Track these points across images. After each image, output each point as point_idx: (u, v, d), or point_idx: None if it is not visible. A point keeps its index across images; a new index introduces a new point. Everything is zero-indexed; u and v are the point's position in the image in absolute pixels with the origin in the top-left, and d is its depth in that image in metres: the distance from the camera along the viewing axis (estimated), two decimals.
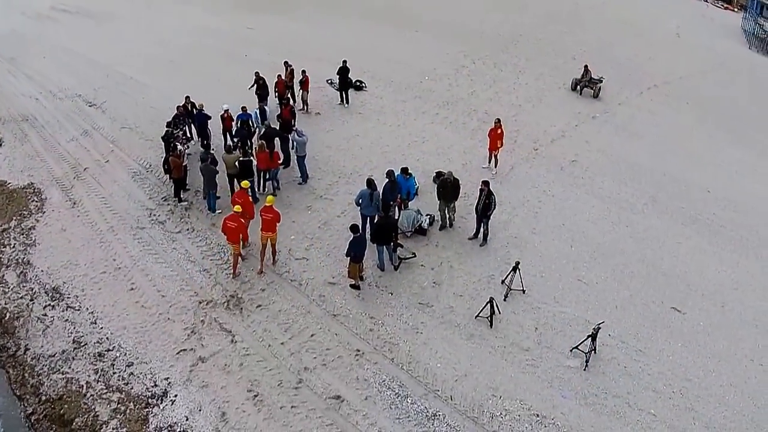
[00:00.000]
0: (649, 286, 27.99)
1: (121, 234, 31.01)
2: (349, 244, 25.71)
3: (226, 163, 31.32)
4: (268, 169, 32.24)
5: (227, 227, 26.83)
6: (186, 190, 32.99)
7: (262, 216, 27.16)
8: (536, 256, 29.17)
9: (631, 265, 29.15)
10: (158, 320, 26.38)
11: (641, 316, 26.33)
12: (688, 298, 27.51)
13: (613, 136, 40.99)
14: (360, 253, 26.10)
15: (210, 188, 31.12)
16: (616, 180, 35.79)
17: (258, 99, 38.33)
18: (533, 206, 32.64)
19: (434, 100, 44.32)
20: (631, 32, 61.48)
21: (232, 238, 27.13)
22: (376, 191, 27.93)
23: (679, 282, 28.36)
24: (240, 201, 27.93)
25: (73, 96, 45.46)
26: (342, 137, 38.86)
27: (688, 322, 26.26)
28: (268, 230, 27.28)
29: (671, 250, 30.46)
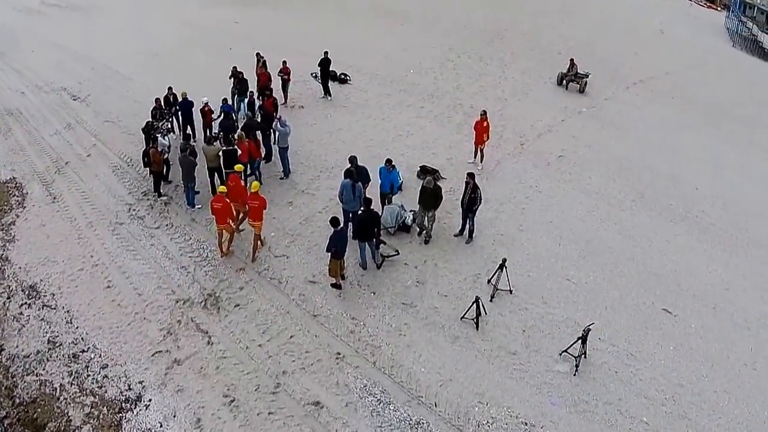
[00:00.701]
0: (639, 286, 26.35)
1: (99, 230, 29.39)
2: (330, 239, 23.77)
3: (207, 155, 29.68)
4: (251, 161, 30.35)
5: (214, 209, 25.68)
6: (169, 182, 31.61)
7: (248, 204, 26.11)
8: (524, 254, 27.47)
9: (620, 263, 27.56)
10: (134, 320, 24.69)
11: (632, 318, 24.68)
12: (679, 299, 25.91)
13: (600, 131, 39.53)
14: (341, 249, 24.22)
15: (188, 181, 29.39)
16: (604, 176, 34.26)
17: (237, 94, 36.97)
18: (520, 202, 30.96)
19: (419, 94, 42.71)
20: (616, 28, 60.44)
21: (221, 221, 25.88)
22: (357, 183, 26.18)
23: (670, 282, 26.79)
24: (232, 184, 26.95)
25: (59, 89, 44.05)
26: (325, 131, 37.15)
27: (679, 325, 24.67)
28: (254, 218, 26.06)
29: (661, 249, 28.93)
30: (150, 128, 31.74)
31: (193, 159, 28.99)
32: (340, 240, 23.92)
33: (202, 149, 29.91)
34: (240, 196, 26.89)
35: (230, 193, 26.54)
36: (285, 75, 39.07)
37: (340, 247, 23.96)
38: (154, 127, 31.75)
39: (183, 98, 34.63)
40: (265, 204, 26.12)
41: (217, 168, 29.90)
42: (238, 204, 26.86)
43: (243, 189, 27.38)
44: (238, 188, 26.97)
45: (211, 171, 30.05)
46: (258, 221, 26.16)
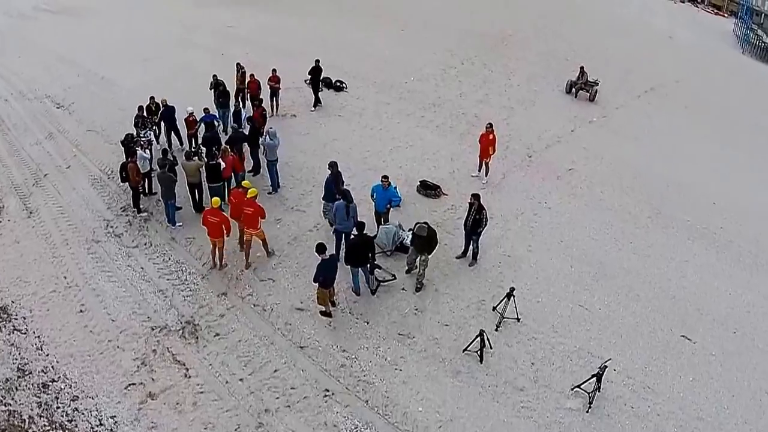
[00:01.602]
0: (656, 311, 24.13)
1: (74, 248, 27.18)
2: (317, 268, 21.58)
3: (186, 171, 27.64)
4: (235, 175, 28.30)
5: (207, 221, 24.02)
6: (153, 194, 29.62)
7: (243, 210, 24.30)
8: (532, 277, 25.26)
9: (636, 287, 25.34)
10: (107, 348, 22.43)
11: (649, 347, 22.54)
12: (699, 324, 23.71)
13: (612, 142, 37.25)
14: (329, 278, 22.09)
15: (168, 198, 27.27)
16: (617, 190, 32.02)
17: (218, 106, 34.76)
18: (528, 220, 28.75)
19: (420, 102, 40.35)
20: (622, 33, 58.35)
21: (214, 234, 24.21)
22: (352, 204, 24.05)
23: (689, 305, 24.56)
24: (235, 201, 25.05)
25: (42, 97, 41.89)
26: (318, 141, 34.77)
27: (699, 352, 22.48)
28: (249, 226, 24.40)
29: (678, 269, 26.70)
30: (129, 141, 29.66)
31: (172, 175, 26.98)
32: (328, 268, 21.77)
33: (182, 164, 27.84)
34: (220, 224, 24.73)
35: (233, 210, 24.93)
36: (274, 84, 36.77)
37: (328, 275, 21.84)
38: (133, 140, 29.63)
39: (163, 105, 32.73)
40: (262, 212, 24.51)
41: (198, 184, 27.90)
42: (213, 234, 24.80)
43: (224, 218, 25.03)
44: (241, 204, 24.77)
45: (191, 186, 28.03)
46: (253, 229, 24.51)
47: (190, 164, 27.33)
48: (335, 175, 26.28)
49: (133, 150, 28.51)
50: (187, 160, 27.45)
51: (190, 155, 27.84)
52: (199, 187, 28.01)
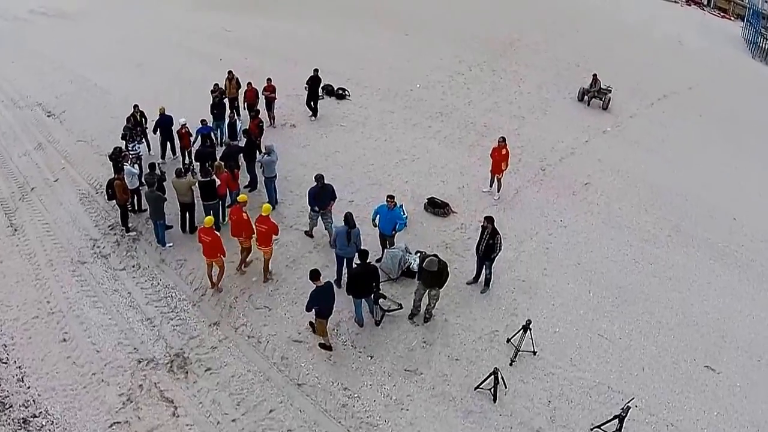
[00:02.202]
0: (678, 339, 22.42)
1: (59, 269, 25.31)
2: (311, 296, 19.79)
3: (177, 189, 25.75)
4: (229, 193, 26.64)
5: (202, 240, 22.35)
6: (142, 211, 27.65)
7: (256, 227, 22.66)
8: (548, 305, 23.43)
9: (657, 313, 23.55)
10: (91, 382, 20.55)
11: (671, 379, 20.83)
12: (723, 352, 22.07)
13: (628, 153, 35.31)
14: (326, 307, 20.17)
15: (157, 218, 25.45)
16: (635, 206, 30.19)
17: (213, 118, 32.70)
18: (543, 240, 26.89)
19: (426, 111, 38.41)
20: (632, 38, 56.49)
21: (208, 254, 22.46)
22: (355, 229, 22.14)
23: (712, 332, 22.88)
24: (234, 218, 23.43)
25: (34, 105, 40.16)
26: (319, 153, 32.83)
27: (723, 383, 20.84)
28: (262, 244, 22.82)
29: (701, 292, 24.95)
30: (117, 155, 27.90)
31: (160, 194, 25.15)
32: (324, 296, 19.87)
33: (172, 182, 25.91)
34: (244, 230, 23.16)
35: (233, 228, 23.20)
36: (270, 93, 34.87)
37: (324, 304, 19.95)
38: (121, 155, 27.84)
39: (161, 114, 31.09)
40: (275, 230, 22.96)
41: (191, 203, 26.12)
42: (243, 239, 23.31)
43: (246, 222, 23.32)
44: (240, 222, 23.14)
45: (183, 207, 26.24)
46: (266, 246, 22.88)
47: (181, 182, 25.47)
48: (320, 189, 24.81)
49: (121, 165, 26.86)
50: (177, 178, 25.55)
51: (180, 172, 25.88)
52: (191, 207, 26.23)
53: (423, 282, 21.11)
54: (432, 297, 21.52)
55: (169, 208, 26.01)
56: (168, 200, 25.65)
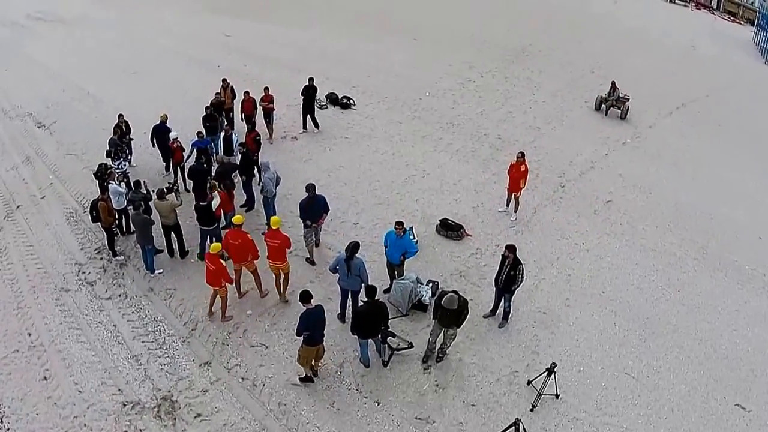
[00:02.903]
0: (708, 375, 20.40)
1: (42, 297, 23.28)
2: (300, 319, 17.76)
3: (159, 211, 23.66)
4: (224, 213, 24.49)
5: (207, 267, 20.41)
6: (131, 233, 25.40)
7: (267, 243, 20.83)
8: (572, 340, 21.28)
9: (686, 346, 21.47)
10: (72, 426, 18.52)
11: (702, 421, 18.83)
12: (753, 388, 20.13)
13: (649, 167, 33.15)
14: (316, 332, 18.10)
15: (145, 243, 23.34)
16: (660, 226, 28.06)
17: (206, 132, 29.99)
18: (565, 266, 24.73)
19: (436, 122, 36.21)
20: (645, 44, 54.60)
21: (212, 282, 20.51)
22: (357, 260, 19.80)
23: (742, 366, 20.87)
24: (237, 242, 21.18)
25: (24, 114, 38.50)
26: (322, 169, 30.67)
27: (754, 423, 18.98)
28: (276, 259, 20.96)
29: (729, 322, 22.85)
30: (104, 173, 25.79)
31: (147, 217, 23.06)
32: (314, 320, 17.84)
33: (154, 204, 23.84)
34: (249, 253, 21.27)
35: (234, 253, 21.15)
36: (267, 104, 32.44)
37: (314, 329, 17.91)
38: (107, 172, 25.64)
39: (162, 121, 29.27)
40: (288, 243, 21.12)
41: (175, 226, 23.96)
42: (248, 264, 21.47)
43: (251, 244, 21.37)
44: (246, 245, 21.18)
45: (166, 229, 24.13)
46: (281, 261, 21.07)
47: (163, 204, 23.38)
48: (310, 200, 22.95)
49: (107, 184, 24.83)
50: (159, 199, 23.45)
51: (162, 193, 23.67)
52: (176, 230, 24.14)
53: (439, 321, 18.79)
54: (448, 337, 19.28)
55: (158, 230, 24.09)
56: (156, 223, 23.74)
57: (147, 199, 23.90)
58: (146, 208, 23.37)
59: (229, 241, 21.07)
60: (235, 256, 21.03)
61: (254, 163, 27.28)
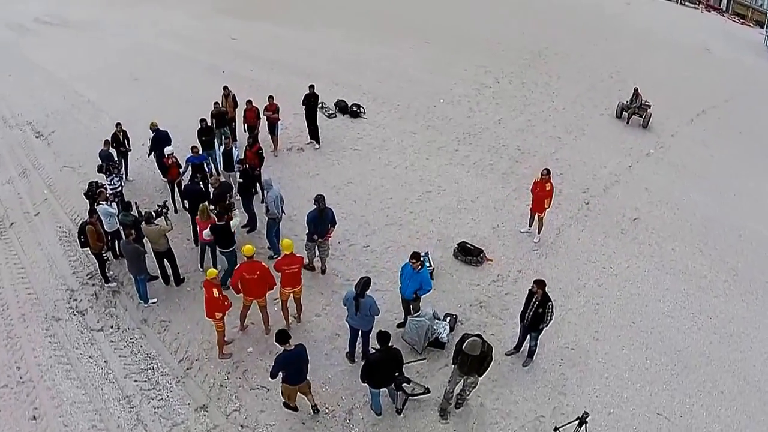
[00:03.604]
0: (741, 411, 18.70)
1: (32, 327, 21.53)
2: (275, 362, 15.90)
3: (148, 237, 21.57)
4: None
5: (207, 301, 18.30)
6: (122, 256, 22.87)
7: (283, 269, 18.81)
8: (601, 378, 19.27)
9: (719, 380, 19.60)
10: None
11: None
12: None
13: (675, 181, 31.06)
14: (294, 372, 16.24)
15: (137, 273, 21.34)
16: (689, 245, 26.02)
17: (201, 147, 27.95)
18: (593, 294, 22.67)
19: (452, 132, 33.96)
20: (658, 45, 52.07)
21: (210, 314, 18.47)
22: (367, 298, 17.66)
23: None
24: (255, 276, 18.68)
25: (24, 123, 36.85)
26: (330, 185, 28.26)
27: None
28: (293, 285, 19.17)
29: (762, 351, 21.01)
30: (94, 192, 23.73)
31: (138, 246, 20.98)
32: (292, 361, 15.93)
33: (143, 229, 21.66)
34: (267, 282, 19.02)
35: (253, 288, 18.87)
36: (272, 114, 30.00)
37: (292, 370, 16.07)
38: (98, 191, 23.59)
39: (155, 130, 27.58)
40: (302, 262, 19.51)
41: (167, 252, 21.88)
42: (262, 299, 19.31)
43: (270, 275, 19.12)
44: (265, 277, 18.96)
45: (158, 255, 22.03)
46: (297, 285, 19.32)
47: (151, 230, 21.36)
48: (320, 213, 21.10)
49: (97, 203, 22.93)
50: (147, 225, 21.42)
51: (151, 218, 21.63)
52: (168, 256, 22.05)
53: (459, 367, 16.62)
54: (468, 385, 17.18)
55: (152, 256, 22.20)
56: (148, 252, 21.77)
57: (137, 223, 21.82)
58: (136, 235, 21.26)
59: (245, 275, 18.65)
60: (253, 291, 18.88)
61: (256, 180, 25.43)
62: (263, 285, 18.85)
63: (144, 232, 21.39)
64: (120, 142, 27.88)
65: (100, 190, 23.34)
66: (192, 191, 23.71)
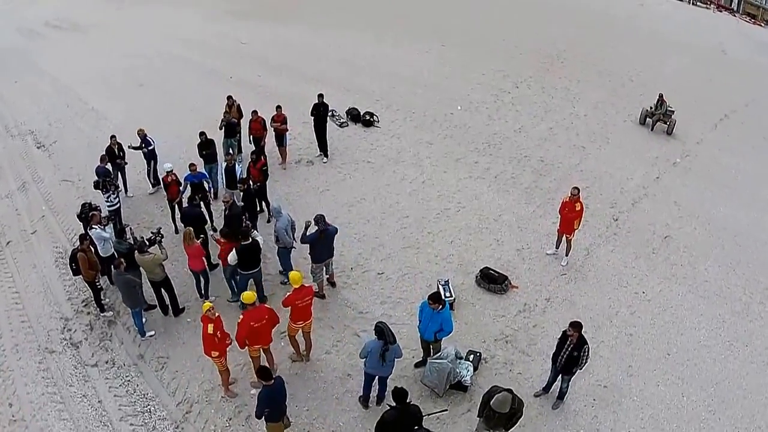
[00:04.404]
0: None
1: (25, 359, 19.88)
2: (259, 399, 14.32)
3: (142, 266, 19.64)
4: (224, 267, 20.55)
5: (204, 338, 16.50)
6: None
7: (296, 304, 16.95)
8: (636, 420, 17.44)
9: (757, 415, 17.91)
10: None
11: None
12: None
13: (704, 193, 29.16)
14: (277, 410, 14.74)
15: (131, 306, 19.51)
16: (722, 264, 24.10)
17: (204, 161, 26.11)
18: (625, 323, 20.75)
19: (471, 141, 31.97)
20: (674, 47, 50.11)
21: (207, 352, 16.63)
22: (393, 345, 15.72)
23: None
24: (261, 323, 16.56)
25: (26, 133, 35.21)
26: (340, 203, 26.52)
27: None
28: (305, 318, 17.46)
29: None
30: (87, 213, 21.84)
31: (131, 278, 18.98)
32: (275, 396, 14.46)
33: (136, 259, 19.67)
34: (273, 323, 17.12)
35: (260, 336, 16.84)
36: (280, 125, 28.03)
37: (274, 408, 14.54)
38: (90, 214, 21.62)
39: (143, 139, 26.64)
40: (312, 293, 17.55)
41: (164, 281, 19.95)
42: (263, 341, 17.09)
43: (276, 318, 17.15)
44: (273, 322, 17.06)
45: (155, 285, 20.17)
46: (309, 318, 17.61)
47: (145, 259, 19.39)
48: (320, 233, 19.26)
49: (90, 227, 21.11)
50: (140, 254, 19.42)
51: (144, 246, 19.62)
52: (166, 285, 20.15)
53: (486, 421, 14.65)
54: None
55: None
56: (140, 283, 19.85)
57: (133, 251, 19.82)
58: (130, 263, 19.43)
59: (252, 324, 16.51)
60: (263, 338, 16.98)
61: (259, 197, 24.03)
62: (271, 328, 17.02)
63: (138, 262, 19.55)
64: (115, 155, 26.16)
65: (92, 213, 21.33)
66: (190, 215, 21.68)
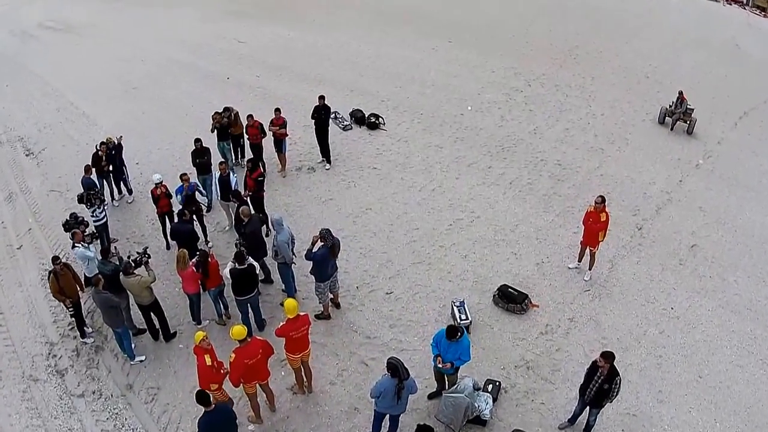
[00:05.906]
0: None
1: (8, 387, 18.84)
2: (199, 427, 13.27)
3: (129, 289, 18.29)
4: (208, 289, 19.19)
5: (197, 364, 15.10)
6: None
7: (291, 335, 15.64)
8: None
9: None
10: None
11: None
12: None
13: (729, 197, 27.73)
14: None
15: (113, 326, 18.22)
16: (752, 275, 22.76)
17: (197, 171, 24.82)
18: (654, 343, 19.41)
19: (483, 144, 30.47)
20: (688, 42, 48.37)
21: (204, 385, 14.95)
22: (407, 381, 14.32)
23: None
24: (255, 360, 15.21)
25: (15, 139, 33.88)
26: (345, 213, 25.16)
27: None
28: (302, 349, 16.17)
29: None
30: (73, 226, 20.58)
31: (110, 296, 17.48)
32: (216, 423, 13.44)
33: (121, 281, 18.27)
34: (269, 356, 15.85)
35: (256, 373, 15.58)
36: (279, 129, 26.53)
37: None
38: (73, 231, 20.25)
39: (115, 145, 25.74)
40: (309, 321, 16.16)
41: (153, 304, 18.65)
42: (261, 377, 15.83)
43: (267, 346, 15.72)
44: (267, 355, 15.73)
45: (143, 309, 18.87)
46: (307, 348, 16.29)
47: (131, 282, 18.01)
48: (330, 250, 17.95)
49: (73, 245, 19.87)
50: (126, 276, 18.00)
51: (129, 267, 18.20)
52: (155, 309, 18.83)
53: None
54: None
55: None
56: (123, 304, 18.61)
57: (118, 273, 18.41)
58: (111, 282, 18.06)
59: (245, 362, 15.13)
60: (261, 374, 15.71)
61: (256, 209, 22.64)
62: (266, 361, 15.69)
63: (123, 284, 18.20)
64: (100, 163, 24.94)
65: (74, 231, 20.01)
66: (180, 232, 20.32)
